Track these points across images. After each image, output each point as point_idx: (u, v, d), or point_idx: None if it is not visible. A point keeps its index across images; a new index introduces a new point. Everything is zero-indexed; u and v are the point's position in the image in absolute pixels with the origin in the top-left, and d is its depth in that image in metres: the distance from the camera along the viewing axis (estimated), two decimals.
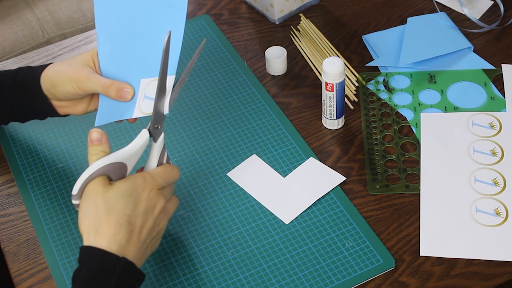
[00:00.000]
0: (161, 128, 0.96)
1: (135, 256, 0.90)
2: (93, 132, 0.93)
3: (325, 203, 1.09)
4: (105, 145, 0.93)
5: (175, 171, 0.97)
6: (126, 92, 0.99)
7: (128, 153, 0.92)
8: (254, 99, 1.24)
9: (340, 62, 1.12)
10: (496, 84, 1.24)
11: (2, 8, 1.80)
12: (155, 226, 0.93)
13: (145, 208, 0.91)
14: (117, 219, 0.89)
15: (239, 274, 1.01)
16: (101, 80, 1.00)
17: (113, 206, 0.89)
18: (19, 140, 1.20)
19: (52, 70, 1.05)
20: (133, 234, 0.90)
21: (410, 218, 1.07)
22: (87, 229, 0.89)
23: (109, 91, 0.99)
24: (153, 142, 0.96)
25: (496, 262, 1.01)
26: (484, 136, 1.16)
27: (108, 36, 1.02)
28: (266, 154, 1.16)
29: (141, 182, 0.92)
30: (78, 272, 0.88)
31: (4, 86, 1.08)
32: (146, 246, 0.92)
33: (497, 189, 1.09)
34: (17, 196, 1.13)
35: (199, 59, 1.31)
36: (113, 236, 0.88)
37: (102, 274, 0.86)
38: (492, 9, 1.39)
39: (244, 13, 1.42)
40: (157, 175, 0.94)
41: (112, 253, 0.87)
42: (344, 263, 1.01)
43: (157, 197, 0.93)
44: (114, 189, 0.91)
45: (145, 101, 0.99)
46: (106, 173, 0.91)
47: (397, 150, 1.15)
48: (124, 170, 0.93)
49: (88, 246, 0.88)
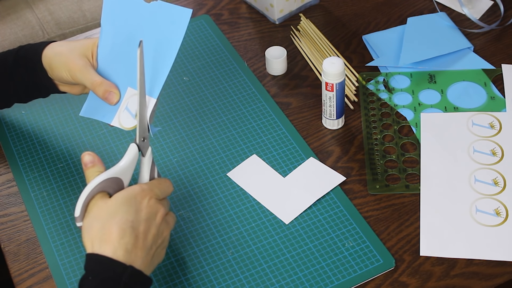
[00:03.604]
0: (147, 141, 0.96)
1: (143, 262, 0.89)
2: (85, 155, 0.94)
3: (325, 203, 1.09)
4: (98, 165, 0.94)
5: (168, 183, 0.97)
6: (112, 95, 1.00)
7: (122, 168, 0.94)
8: (254, 99, 1.24)
9: (340, 62, 1.12)
10: (496, 84, 1.24)
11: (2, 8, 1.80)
12: (159, 234, 0.92)
13: (147, 215, 0.91)
14: (120, 225, 0.88)
15: (239, 274, 1.01)
16: (91, 76, 1.01)
17: (115, 214, 0.89)
18: (19, 140, 1.20)
19: (52, 51, 1.06)
20: (138, 239, 0.89)
21: (410, 218, 1.07)
22: (91, 240, 0.88)
23: (96, 90, 1.00)
24: (142, 156, 0.97)
25: (496, 262, 1.01)
26: (484, 136, 1.16)
27: (111, 32, 1.02)
28: (266, 154, 1.16)
29: (140, 191, 0.92)
30: (85, 280, 0.87)
31: (7, 65, 1.09)
32: (152, 254, 0.91)
33: (497, 189, 1.09)
34: (17, 196, 1.13)
35: (199, 59, 1.31)
36: (118, 241, 0.87)
37: (109, 283, 0.86)
38: (492, 9, 1.39)
39: (244, 13, 1.42)
40: (153, 186, 0.95)
41: (118, 261, 0.87)
42: (344, 263, 1.01)
43: (156, 205, 0.93)
44: (114, 199, 0.91)
45: (125, 112, 1.00)
46: (104, 190, 0.93)
47: (397, 150, 1.15)
48: (120, 185, 0.94)
49: (95, 254, 0.87)
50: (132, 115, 1.00)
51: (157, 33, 0.98)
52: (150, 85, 0.97)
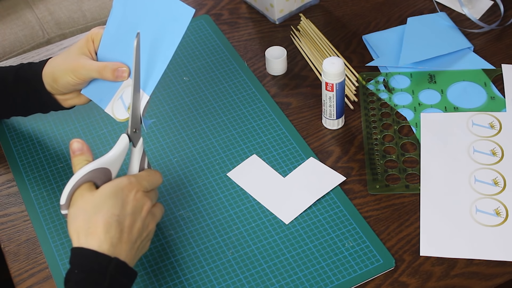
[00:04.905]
0: (139, 132, 0.96)
1: (127, 255, 0.90)
2: (74, 142, 0.94)
3: (325, 203, 1.09)
4: (87, 153, 0.94)
5: (158, 175, 0.97)
6: (122, 71, 1.00)
7: (111, 158, 0.93)
8: (254, 99, 1.24)
9: (340, 62, 1.12)
10: (496, 84, 1.24)
11: (2, 8, 1.80)
12: (144, 227, 0.93)
13: (132, 209, 0.91)
14: (106, 218, 0.89)
15: (239, 274, 1.01)
16: (94, 65, 1.01)
17: (101, 207, 0.89)
18: (19, 140, 1.20)
19: (51, 66, 1.06)
20: (123, 233, 0.90)
21: (410, 218, 1.07)
22: (77, 232, 0.89)
23: (104, 74, 1.00)
24: (133, 147, 0.97)
25: (496, 262, 1.01)
26: (484, 136, 1.16)
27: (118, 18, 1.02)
28: (266, 154, 1.16)
29: (127, 183, 0.92)
30: (70, 274, 0.87)
31: (7, 83, 1.09)
32: (137, 247, 0.92)
33: (497, 189, 1.09)
34: (17, 196, 1.13)
35: (199, 59, 1.31)
36: (103, 235, 0.88)
37: (95, 275, 0.86)
38: (492, 9, 1.39)
39: (244, 13, 1.42)
40: (141, 178, 0.94)
41: (103, 254, 0.87)
42: (344, 263, 1.01)
43: (143, 198, 0.93)
44: (101, 191, 0.91)
45: (119, 101, 1.01)
46: (91, 180, 0.92)
47: (397, 150, 1.15)
48: (108, 175, 0.94)
49: (80, 248, 0.88)
50: (125, 106, 1.00)
51: (159, 28, 0.98)
52: (145, 80, 0.98)
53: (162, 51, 0.97)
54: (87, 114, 1.23)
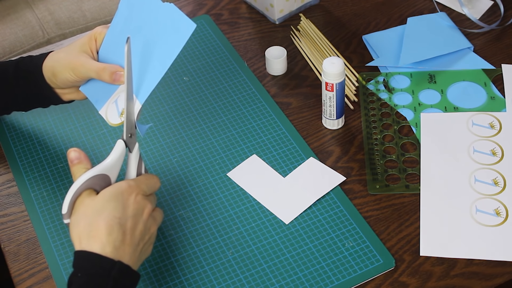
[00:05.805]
0: (134, 137, 0.96)
1: (131, 258, 0.90)
2: (71, 152, 0.94)
3: (325, 203, 1.09)
4: (85, 161, 0.94)
5: (156, 179, 0.97)
6: (120, 74, 1.01)
7: (109, 164, 0.94)
8: (254, 99, 1.24)
9: (340, 62, 1.12)
10: (496, 84, 1.24)
11: (2, 8, 1.80)
12: (146, 230, 0.93)
13: (134, 211, 0.91)
14: (108, 221, 0.88)
15: (239, 274, 1.01)
16: (94, 65, 1.01)
17: (102, 210, 0.89)
18: (19, 140, 1.20)
19: (52, 60, 1.06)
20: (126, 235, 0.89)
21: (410, 218, 1.07)
22: (79, 236, 0.89)
23: (102, 75, 1.01)
24: (129, 152, 0.97)
25: (496, 262, 1.01)
26: (484, 136, 1.16)
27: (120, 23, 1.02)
28: (266, 154, 1.16)
29: (127, 187, 0.92)
30: (73, 277, 0.87)
31: (7, 77, 1.09)
32: (140, 250, 0.92)
33: (497, 189, 1.09)
34: (17, 196, 1.13)
35: (199, 59, 1.31)
36: (106, 238, 0.88)
37: (98, 279, 0.86)
38: (492, 9, 1.39)
39: (244, 13, 1.42)
40: (140, 182, 0.95)
41: (107, 257, 0.87)
42: (344, 263, 1.01)
43: (143, 201, 0.93)
44: (101, 196, 0.91)
45: (113, 106, 1.01)
46: (91, 187, 0.93)
47: (397, 150, 1.15)
48: (108, 181, 0.94)
49: (83, 251, 0.88)
50: (118, 112, 1.00)
51: (159, 37, 0.98)
52: (140, 87, 0.97)
53: (160, 60, 0.97)
54: (87, 114, 1.23)
